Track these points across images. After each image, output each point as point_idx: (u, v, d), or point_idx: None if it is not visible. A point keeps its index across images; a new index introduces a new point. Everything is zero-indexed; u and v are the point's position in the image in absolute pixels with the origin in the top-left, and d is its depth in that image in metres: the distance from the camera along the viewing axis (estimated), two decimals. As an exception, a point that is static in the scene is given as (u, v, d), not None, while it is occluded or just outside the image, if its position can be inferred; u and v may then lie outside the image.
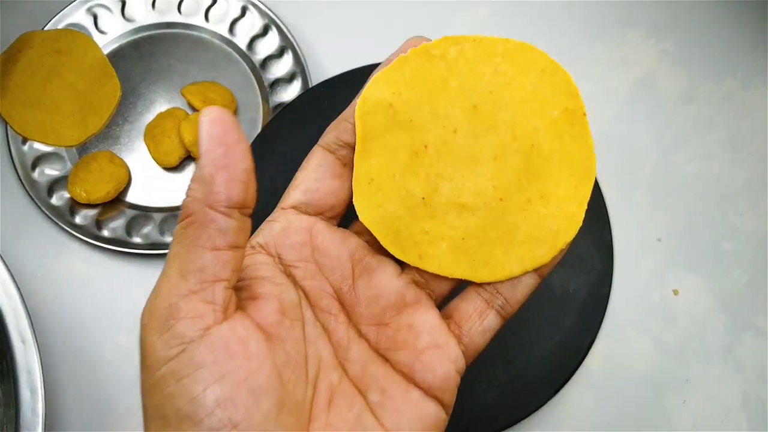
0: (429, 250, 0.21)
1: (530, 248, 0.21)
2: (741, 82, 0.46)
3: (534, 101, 0.21)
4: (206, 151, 0.17)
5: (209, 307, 0.17)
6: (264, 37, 0.44)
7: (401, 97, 0.20)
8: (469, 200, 0.21)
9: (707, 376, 0.40)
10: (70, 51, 0.43)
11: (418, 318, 0.20)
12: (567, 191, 0.21)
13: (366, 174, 0.21)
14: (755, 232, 0.42)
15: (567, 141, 0.21)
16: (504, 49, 0.21)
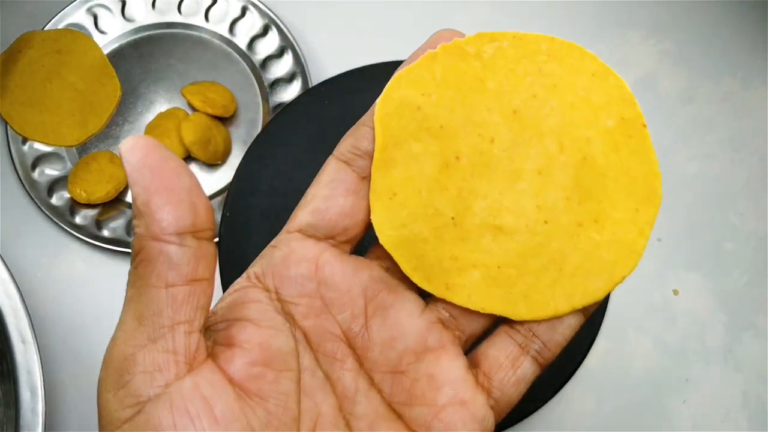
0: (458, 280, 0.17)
1: (581, 282, 0.17)
2: (741, 82, 0.46)
3: (585, 108, 0.18)
4: (133, 180, 0.15)
5: (170, 358, 0.15)
6: (264, 37, 0.44)
7: (430, 99, 0.17)
8: (508, 222, 0.17)
9: (707, 376, 0.40)
10: (70, 51, 0.43)
11: (442, 366, 0.17)
12: (626, 215, 0.18)
13: (387, 187, 0.17)
14: (755, 232, 0.42)
15: (625, 155, 0.17)
16: (549, 47, 0.18)
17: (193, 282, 0.15)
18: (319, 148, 0.39)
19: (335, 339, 0.17)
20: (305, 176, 0.38)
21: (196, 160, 0.42)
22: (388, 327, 0.17)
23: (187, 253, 0.15)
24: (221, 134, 0.42)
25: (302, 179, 0.38)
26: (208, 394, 0.15)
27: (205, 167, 0.42)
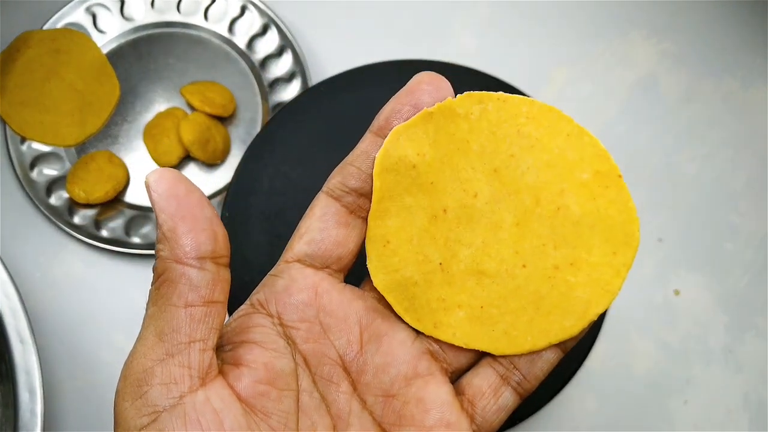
0: (445, 319, 0.19)
1: (556, 319, 0.19)
2: (741, 82, 0.46)
3: (560, 164, 0.19)
4: (160, 209, 0.16)
5: (185, 372, 0.16)
6: (263, 36, 0.44)
7: (425, 158, 0.19)
8: (490, 267, 0.19)
9: (708, 376, 0.40)
10: (69, 50, 0.43)
11: (430, 392, 0.18)
12: (602, 258, 0.19)
13: (381, 235, 0.19)
14: (756, 233, 0.42)
15: (603, 204, 0.19)
16: (528, 110, 0.20)
17: (210, 303, 0.17)
18: (318, 147, 0.39)
19: (332, 363, 0.19)
20: (305, 176, 0.38)
21: (195, 159, 0.42)
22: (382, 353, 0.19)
23: (207, 277, 0.17)
24: (220, 134, 0.41)
25: (302, 179, 0.38)
26: (219, 407, 0.16)
27: (204, 167, 0.42)
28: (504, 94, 0.21)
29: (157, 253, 0.17)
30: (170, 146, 0.41)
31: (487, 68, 0.41)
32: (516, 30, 0.46)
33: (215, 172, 0.42)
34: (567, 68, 0.46)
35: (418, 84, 0.20)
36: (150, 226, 0.40)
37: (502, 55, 0.45)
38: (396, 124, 0.20)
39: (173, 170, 0.17)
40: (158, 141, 0.41)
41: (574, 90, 0.45)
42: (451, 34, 0.46)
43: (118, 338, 0.39)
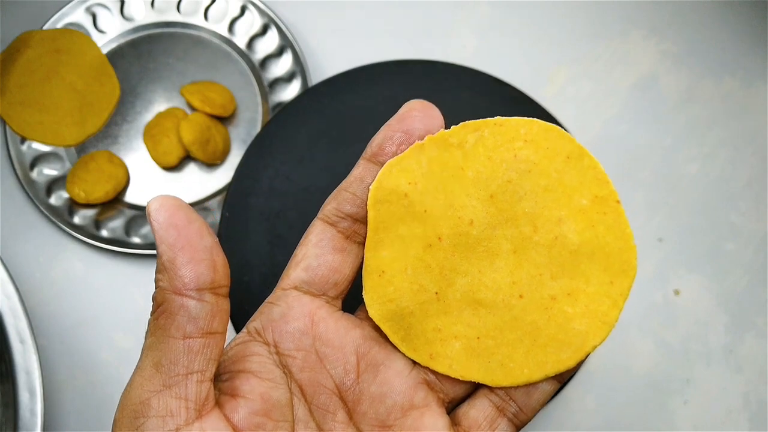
0: (441, 350, 0.19)
1: (553, 351, 0.19)
2: (741, 82, 0.46)
3: (558, 190, 0.19)
4: (160, 238, 0.16)
5: (182, 404, 0.16)
6: (263, 36, 0.44)
7: (416, 187, 0.19)
8: (486, 297, 0.19)
9: (708, 376, 0.40)
10: (69, 50, 0.43)
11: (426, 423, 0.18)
12: (599, 288, 0.19)
13: (377, 266, 0.19)
14: (757, 233, 0.42)
15: (601, 231, 0.19)
16: (527, 132, 0.19)
17: (208, 335, 0.17)
18: (318, 147, 0.39)
19: (328, 392, 0.19)
20: (305, 176, 0.38)
21: (195, 159, 0.42)
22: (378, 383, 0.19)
23: (205, 308, 0.17)
24: (220, 134, 0.41)
25: (302, 179, 0.38)
26: None
27: (205, 167, 0.42)
28: (501, 119, 0.20)
29: (157, 284, 0.17)
30: (170, 146, 0.41)
31: (487, 68, 0.41)
32: (516, 30, 0.46)
33: (215, 172, 0.42)
34: (567, 68, 0.45)
35: (409, 111, 0.20)
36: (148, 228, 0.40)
37: (503, 55, 0.45)
38: (389, 149, 0.19)
39: (174, 198, 0.17)
40: (158, 141, 0.41)
41: (574, 90, 0.45)
42: (451, 34, 0.46)
43: (119, 338, 0.39)
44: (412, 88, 0.40)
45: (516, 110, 0.40)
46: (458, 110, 0.40)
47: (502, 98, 0.40)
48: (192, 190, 0.41)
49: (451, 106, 0.40)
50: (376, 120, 0.40)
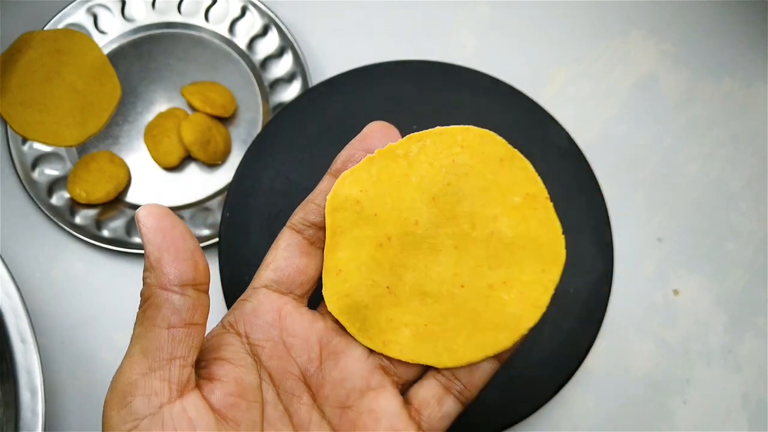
0: (393, 337, 0.21)
1: (491, 334, 0.21)
2: (741, 82, 0.46)
3: (493, 189, 0.21)
4: (147, 241, 0.19)
5: (165, 385, 0.18)
6: (264, 36, 0.44)
7: (367, 194, 0.21)
8: (432, 288, 0.21)
9: (708, 376, 0.40)
10: (70, 51, 0.43)
11: (380, 403, 0.21)
12: (532, 276, 0.21)
13: (334, 266, 0.21)
14: (756, 233, 0.42)
15: (533, 225, 0.21)
16: (463, 138, 0.21)
17: (190, 325, 0.19)
18: (318, 148, 0.39)
19: (294, 378, 0.21)
20: (305, 176, 0.38)
21: (196, 160, 0.42)
22: (339, 369, 0.21)
23: (188, 302, 0.19)
24: (221, 134, 0.42)
25: (302, 179, 0.38)
26: (193, 416, 0.18)
27: (205, 167, 0.42)
28: (442, 128, 0.22)
29: (144, 280, 0.19)
30: (171, 146, 0.41)
31: (487, 68, 0.41)
32: (516, 30, 0.46)
33: (216, 173, 0.42)
34: (567, 68, 0.46)
35: (370, 132, 0.22)
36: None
37: (502, 55, 0.45)
38: (351, 166, 0.22)
39: (161, 206, 0.19)
40: (159, 141, 0.41)
41: (574, 90, 0.45)
42: (451, 35, 0.46)
43: (119, 338, 0.39)
44: (411, 89, 0.40)
45: (515, 110, 0.40)
46: (458, 110, 0.40)
47: (502, 98, 0.40)
48: (192, 190, 0.42)
49: (451, 107, 0.40)
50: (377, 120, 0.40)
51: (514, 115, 0.39)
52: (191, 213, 0.41)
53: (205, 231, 0.40)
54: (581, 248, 0.37)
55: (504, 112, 0.39)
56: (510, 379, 0.35)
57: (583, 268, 0.37)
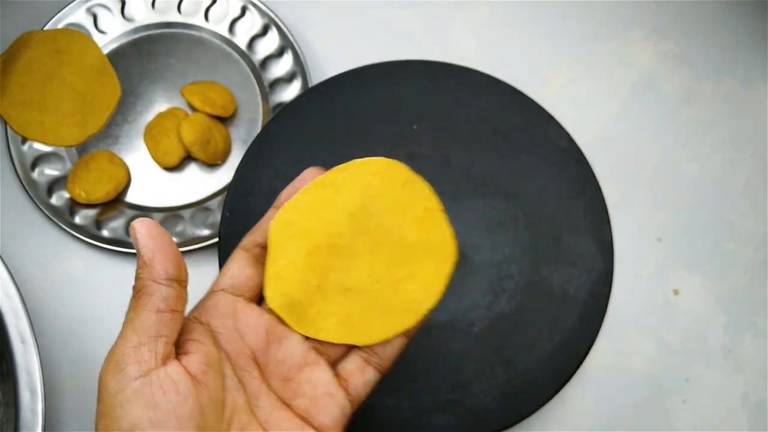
0: (323, 325, 0.26)
1: (399, 316, 0.26)
2: (741, 82, 0.46)
3: (398, 206, 0.27)
4: (142, 245, 0.24)
5: (152, 356, 0.23)
6: (264, 36, 0.44)
7: (302, 216, 0.27)
8: (353, 284, 0.26)
9: (708, 376, 0.40)
10: (70, 51, 0.43)
11: (316, 374, 0.26)
12: (431, 270, 0.27)
13: (275, 273, 0.26)
14: (756, 233, 0.42)
15: (430, 232, 0.27)
16: (376, 167, 0.27)
17: (173, 311, 0.24)
18: (318, 147, 0.39)
19: (246, 357, 0.26)
20: (305, 176, 0.38)
21: (196, 159, 0.42)
22: (282, 351, 0.26)
23: (173, 293, 0.24)
24: (221, 134, 0.42)
25: (302, 179, 0.38)
26: (175, 378, 0.23)
27: (205, 167, 0.42)
28: (364, 159, 0.27)
29: (138, 276, 0.24)
30: (171, 146, 0.41)
31: (487, 68, 0.41)
32: (516, 30, 0.46)
33: (216, 173, 0.42)
34: (567, 68, 0.46)
35: (307, 175, 0.28)
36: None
37: (502, 55, 0.45)
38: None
39: (151, 219, 0.25)
40: (159, 141, 0.41)
41: (575, 90, 0.45)
42: (451, 35, 0.46)
43: (119, 338, 0.39)
44: (411, 89, 0.40)
45: (516, 110, 0.40)
46: (458, 110, 0.40)
47: (502, 99, 0.40)
48: (192, 190, 0.42)
49: (450, 107, 0.40)
50: (376, 120, 0.40)
51: (514, 115, 0.39)
52: (191, 213, 0.41)
53: (205, 231, 0.40)
54: (581, 248, 0.37)
55: (504, 112, 0.40)
56: (510, 379, 0.35)
57: (583, 268, 0.37)
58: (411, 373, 0.35)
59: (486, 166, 0.39)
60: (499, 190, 0.38)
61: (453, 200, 0.38)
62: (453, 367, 0.35)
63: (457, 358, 0.35)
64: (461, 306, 0.36)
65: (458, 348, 0.36)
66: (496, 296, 0.36)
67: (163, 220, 0.41)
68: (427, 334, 0.36)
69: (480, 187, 0.38)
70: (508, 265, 0.37)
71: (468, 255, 0.37)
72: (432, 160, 0.39)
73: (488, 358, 0.35)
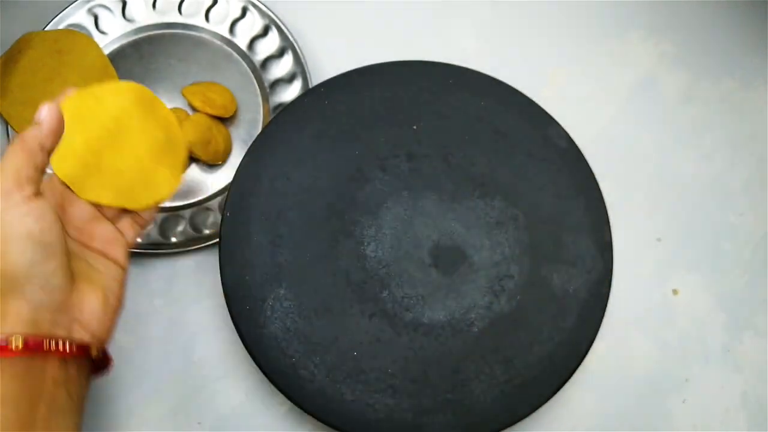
0: (102, 193, 0.33)
1: (155, 191, 0.34)
2: (740, 83, 0.46)
3: (148, 115, 0.34)
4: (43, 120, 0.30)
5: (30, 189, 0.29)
6: (264, 37, 0.44)
7: (76, 114, 0.32)
8: (122, 167, 0.33)
9: (707, 375, 0.40)
10: (71, 51, 0.43)
11: (103, 226, 0.33)
12: (175, 160, 0.35)
13: (61, 152, 0.32)
14: (754, 233, 0.43)
15: (171, 134, 0.35)
16: (127, 87, 0.34)
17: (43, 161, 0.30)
18: (319, 148, 0.39)
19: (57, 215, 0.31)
20: (305, 176, 0.38)
21: (197, 159, 0.42)
22: (74, 209, 0.32)
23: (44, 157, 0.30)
24: (222, 134, 0.42)
25: (302, 179, 0.38)
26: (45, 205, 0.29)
27: (206, 167, 0.42)
28: (113, 82, 0.37)
29: (30, 131, 0.30)
30: (171, 147, 0.41)
31: (487, 69, 0.41)
32: (516, 31, 0.46)
33: (217, 173, 0.42)
34: (567, 69, 0.46)
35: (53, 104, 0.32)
36: (152, 226, 0.40)
37: (502, 55, 0.46)
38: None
39: (54, 106, 0.31)
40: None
41: (574, 90, 0.45)
42: (451, 36, 0.46)
43: (119, 337, 0.39)
44: (411, 89, 0.40)
45: (516, 111, 0.40)
46: (458, 111, 0.40)
47: (502, 99, 0.40)
48: (193, 190, 0.42)
49: (450, 107, 0.40)
50: (376, 120, 0.40)
51: (514, 116, 0.40)
52: (192, 213, 0.41)
53: (206, 231, 0.40)
54: (581, 248, 0.37)
55: (504, 112, 0.40)
56: (510, 378, 0.35)
57: (583, 268, 0.37)
58: (411, 373, 0.35)
59: (486, 166, 0.39)
60: (498, 191, 0.38)
61: (453, 200, 0.38)
62: (453, 366, 0.35)
63: (456, 357, 0.35)
64: (461, 306, 0.36)
65: (458, 348, 0.36)
66: (495, 296, 0.36)
67: (164, 220, 0.41)
68: (427, 333, 0.36)
69: (480, 187, 0.38)
70: (508, 265, 0.37)
71: (468, 255, 0.37)
72: (432, 160, 0.39)
73: (488, 357, 0.36)
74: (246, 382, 0.39)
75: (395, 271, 0.37)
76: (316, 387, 0.34)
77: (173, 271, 0.41)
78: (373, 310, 0.36)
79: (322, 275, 0.36)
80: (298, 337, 0.35)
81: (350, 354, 0.35)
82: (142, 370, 0.39)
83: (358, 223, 0.37)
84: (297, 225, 0.37)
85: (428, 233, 0.37)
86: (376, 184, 0.38)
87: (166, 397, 0.38)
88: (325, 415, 0.34)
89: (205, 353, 0.39)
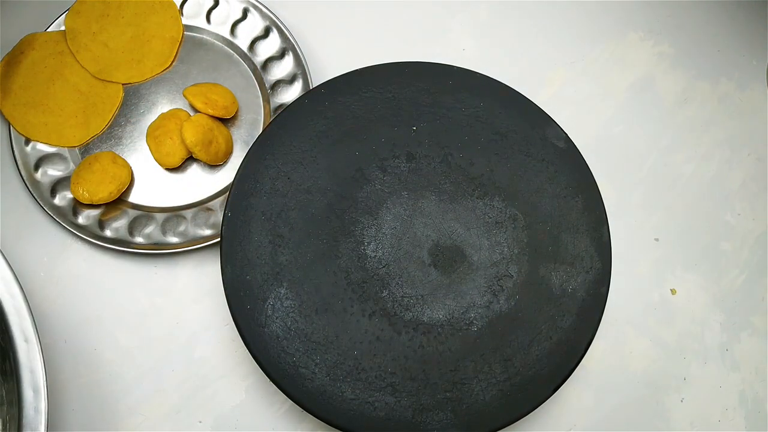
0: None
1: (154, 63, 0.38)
2: (738, 83, 0.46)
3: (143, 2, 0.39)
4: None
5: None
6: (265, 38, 0.44)
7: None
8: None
9: (705, 375, 0.40)
10: (73, 52, 0.43)
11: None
12: (170, 33, 0.40)
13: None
14: (752, 232, 0.43)
15: (168, 17, 0.40)
16: None
17: None
18: (319, 148, 0.39)
19: None
20: (306, 176, 0.38)
21: (198, 160, 0.42)
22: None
23: None
24: (223, 135, 0.42)
25: (303, 179, 0.38)
26: None
27: (207, 168, 0.42)
28: None
29: None
30: (173, 147, 0.41)
31: (486, 70, 0.41)
32: (514, 32, 0.47)
33: (218, 173, 0.42)
34: (565, 70, 0.46)
35: None
36: (153, 226, 0.41)
37: (501, 56, 0.46)
38: None
39: None
40: (161, 142, 0.41)
41: (572, 91, 0.45)
42: (450, 37, 0.46)
43: (122, 337, 0.39)
44: (411, 90, 0.40)
45: (514, 111, 0.40)
46: (457, 111, 0.40)
47: (501, 99, 0.40)
48: (194, 191, 0.42)
49: (450, 108, 0.40)
50: (376, 121, 0.40)
51: (512, 116, 0.40)
52: (193, 213, 0.41)
53: (207, 231, 0.40)
54: (579, 248, 0.37)
55: (503, 113, 0.40)
56: (509, 378, 0.35)
57: (581, 268, 0.37)
58: (410, 372, 0.35)
59: (485, 166, 0.39)
60: (497, 191, 0.39)
61: (452, 200, 0.39)
62: (452, 365, 0.36)
63: (455, 356, 0.36)
64: (460, 305, 0.36)
65: (457, 347, 0.36)
66: (494, 295, 0.37)
67: (165, 220, 0.41)
68: (426, 332, 0.36)
69: (479, 188, 0.39)
70: (507, 265, 0.37)
71: (467, 254, 0.37)
72: (431, 160, 0.39)
73: (487, 356, 0.36)
74: (246, 381, 0.39)
75: (395, 271, 0.37)
76: (316, 385, 0.35)
77: (174, 270, 0.41)
78: (373, 310, 0.36)
79: (322, 275, 0.37)
80: (298, 336, 0.35)
81: (350, 353, 0.35)
82: (143, 369, 0.39)
83: (358, 222, 0.38)
84: (297, 225, 0.37)
85: (428, 233, 0.38)
86: (376, 185, 0.38)
87: (167, 396, 0.39)
88: (325, 413, 0.34)
89: (205, 352, 0.39)
